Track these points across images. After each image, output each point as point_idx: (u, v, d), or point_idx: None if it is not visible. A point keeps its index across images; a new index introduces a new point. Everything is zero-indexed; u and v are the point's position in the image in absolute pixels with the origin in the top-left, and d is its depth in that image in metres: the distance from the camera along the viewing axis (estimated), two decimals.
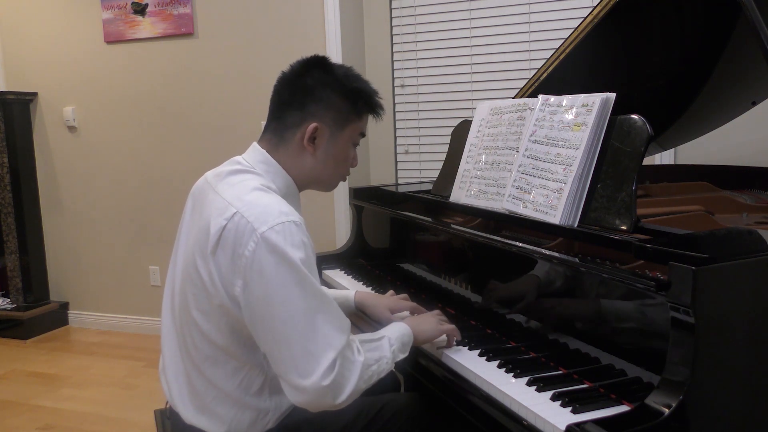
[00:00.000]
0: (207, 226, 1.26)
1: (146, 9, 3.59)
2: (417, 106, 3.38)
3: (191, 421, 1.34)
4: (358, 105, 1.39)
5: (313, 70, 1.37)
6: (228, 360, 1.30)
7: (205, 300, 1.27)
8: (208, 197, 1.33)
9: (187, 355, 1.34)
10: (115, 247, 3.91)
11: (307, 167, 1.38)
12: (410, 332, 1.40)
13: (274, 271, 1.18)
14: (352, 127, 1.40)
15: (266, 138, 1.40)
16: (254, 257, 1.19)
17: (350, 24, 3.33)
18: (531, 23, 3.07)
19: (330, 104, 1.35)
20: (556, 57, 1.83)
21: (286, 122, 1.37)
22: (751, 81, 1.94)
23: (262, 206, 1.24)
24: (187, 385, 1.35)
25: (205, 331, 1.29)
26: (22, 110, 3.92)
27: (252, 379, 1.31)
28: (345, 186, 3.25)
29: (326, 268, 2.21)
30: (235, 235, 1.21)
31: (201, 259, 1.26)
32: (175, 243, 1.42)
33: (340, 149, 1.40)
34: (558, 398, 1.16)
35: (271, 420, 1.34)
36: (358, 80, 1.40)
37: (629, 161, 1.33)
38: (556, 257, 1.34)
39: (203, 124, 3.56)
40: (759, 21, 1.42)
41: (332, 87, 1.36)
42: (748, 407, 1.10)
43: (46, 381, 3.21)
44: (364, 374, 1.24)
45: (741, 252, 1.09)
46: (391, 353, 1.32)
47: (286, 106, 1.37)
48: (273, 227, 1.19)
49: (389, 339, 1.35)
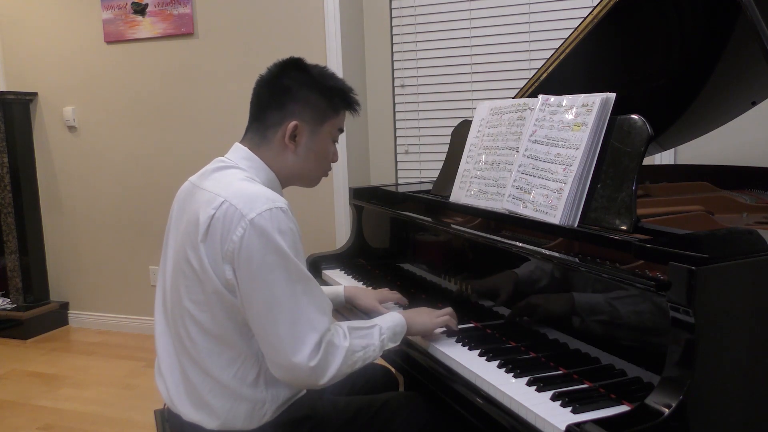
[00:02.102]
0: (196, 218, 1.30)
1: (146, 9, 3.59)
2: (417, 106, 3.38)
3: (189, 417, 1.35)
4: (335, 101, 1.45)
5: (290, 70, 1.44)
6: (223, 350, 1.32)
7: (199, 289, 1.30)
8: (195, 196, 1.37)
9: (182, 349, 1.35)
10: (115, 247, 3.91)
11: (289, 164, 1.43)
12: (404, 323, 1.46)
13: (262, 255, 1.23)
14: (330, 123, 1.46)
15: (248, 137, 1.45)
16: (242, 242, 1.23)
17: (350, 24, 3.33)
18: (531, 23, 3.07)
19: (307, 102, 1.42)
20: (556, 57, 1.83)
21: (266, 122, 1.42)
22: (751, 81, 1.94)
23: (249, 193, 1.29)
24: (183, 381, 1.36)
25: (200, 321, 1.31)
26: (22, 110, 3.92)
27: (247, 369, 1.33)
28: (345, 186, 3.28)
29: (326, 268, 2.21)
30: (223, 222, 1.26)
31: (191, 249, 1.30)
32: (163, 248, 1.45)
33: (320, 145, 1.46)
34: (558, 398, 1.16)
35: (268, 412, 1.35)
36: (333, 78, 1.47)
37: (629, 161, 1.33)
38: (556, 257, 1.34)
39: (203, 124, 3.56)
40: (759, 21, 1.42)
41: (309, 86, 1.42)
42: (748, 407, 1.10)
43: (46, 381, 3.21)
44: (348, 359, 1.31)
45: (741, 252, 1.10)
46: (380, 341, 1.39)
47: (265, 106, 1.43)
48: (261, 213, 1.24)
49: (380, 328, 1.41)
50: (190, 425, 1.36)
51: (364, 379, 1.72)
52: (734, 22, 1.71)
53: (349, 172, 3.31)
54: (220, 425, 1.33)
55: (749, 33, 1.44)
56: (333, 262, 2.24)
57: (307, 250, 2.32)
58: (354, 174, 3.34)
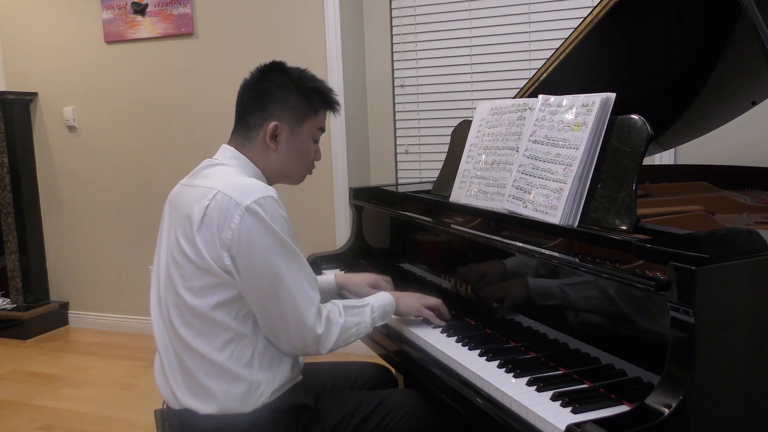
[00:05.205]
0: (190, 212, 1.35)
1: (146, 9, 3.59)
2: (417, 106, 3.38)
3: (188, 404, 1.38)
4: (314, 102, 1.52)
5: (270, 74, 1.51)
6: (218, 334, 1.36)
7: (195, 276, 1.34)
8: (187, 194, 1.42)
9: (176, 337, 1.38)
10: (115, 247, 3.91)
11: (272, 162, 1.50)
12: (393, 302, 1.58)
13: (261, 237, 1.31)
14: (310, 122, 1.52)
15: (233, 139, 1.53)
16: (241, 228, 1.31)
17: (350, 24, 3.33)
18: (531, 23, 3.07)
19: (286, 104, 1.49)
20: (556, 57, 1.83)
21: (249, 123, 1.50)
22: (751, 81, 1.94)
23: (241, 184, 1.37)
24: (180, 369, 1.39)
25: (194, 307, 1.35)
26: (22, 110, 3.92)
27: (242, 350, 1.37)
28: (345, 186, 3.28)
29: (326, 268, 2.21)
30: (219, 212, 1.32)
31: (186, 240, 1.34)
32: (156, 249, 1.49)
33: (300, 144, 1.52)
34: (558, 398, 1.16)
35: (264, 393, 1.38)
36: (313, 80, 1.53)
37: (629, 161, 1.33)
38: (556, 257, 1.34)
39: (203, 124, 3.56)
40: (759, 21, 1.42)
41: (288, 88, 1.49)
42: (748, 407, 1.10)
43: (46, 381, 3.21)
44: (343, 334, 1.43)
45: (741, 252, 1.09)
46: (371, 319, 1.50)
47: (248, 109, 1.51)
48: (256, 200, 1.32)
49: (372, 307, 1.52)
50: (189, 421, 1.38)
51: (364, 378, 1.73)
52: (734, 22, 1.71)
53: (349, 172, 3.31)
54: (218, 409, 1.35)
55: (749, 33, 1.44)
56: (333, 262, 2.24)
57: (307, 250, 2.33)
58: (354, 174, 3.34)
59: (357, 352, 2.32)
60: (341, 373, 1.73)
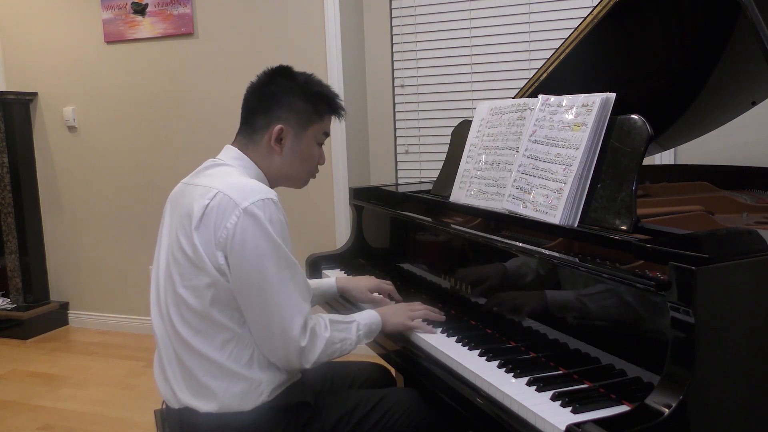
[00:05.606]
0: (190, 210, 1.36)
1: (146, 9, 3.59)
2: (417, 106, 3.38)
3: (188, 403, 1.38)
4: (319, 107, 1.53)
5: (277, 78, 1.52)
6: (217, 333, 1.36)
7: (193, 275, 1.34)
8: (188, 192, 1.43)
9: (176, 335, 1.38)
10: (115, 247, 3.91)
11: (276, 165, 1.51)
12: (380, 321, 1.56)
13: (255, 240, 1.31)
14: (315, 127, 1.53)
15: (238, 140, 1.54)
16: (236, 229, 1.31)
17: (350, 24, 3.33)
18: (531, 23, 3.07)
19: (292, 107, 1.49)
20: (556, 57, 1.83)
21: (254, 126, 1.50)
22: (751, 81, 1.94)
23: (242, 185, 1.37)
24: (179, 368, 1.39)
25: (193, 306, 1.35)
26: (22, 110, 3.92)
27: (241, 350, 1.37)
28: (345, 186, 3.28)
29: (326, 268, 2.21)
30: (217, 211, 1.33)
31: (185, 237, 1.35)
32: (156, 247, 1.49)
33: (304, 148, 1.53)
34: (558, 398, 1.16)
35: (264, 391, 1.38)
36: (319, 85, 1.54)
37: (629, 161, 1.33)
38: (556, 257, 1.34)
39: (203, 124, 3.56)
40: (759, 21, 1.42)
41: (294, 92, 1.50)
42: (748, 407, 1.10)
43: (46, 381, 3.21)
44: (327, 349, 1.41)
45: (741, 252, 1.09)
46: (356, 337, 1.49)
47: (254, 111, 1.51)
48: (254, 203, 1.32)
49: (358, 324, 1.50)
50: (189, 420, 1.38)
51: (363, 378, 1.74)
52: (734, 22, 1.71)
53: (349, 172, 3.31)
54: (218, 407, 1.36)
55: (749, 33, 1.44)
56: (333, 262, 2.24)
57: (307, 250, 2.34)
58: (354, 174, 3.34)
59: (357, 352, 2.29)
60: (341, 372, 1.73)
